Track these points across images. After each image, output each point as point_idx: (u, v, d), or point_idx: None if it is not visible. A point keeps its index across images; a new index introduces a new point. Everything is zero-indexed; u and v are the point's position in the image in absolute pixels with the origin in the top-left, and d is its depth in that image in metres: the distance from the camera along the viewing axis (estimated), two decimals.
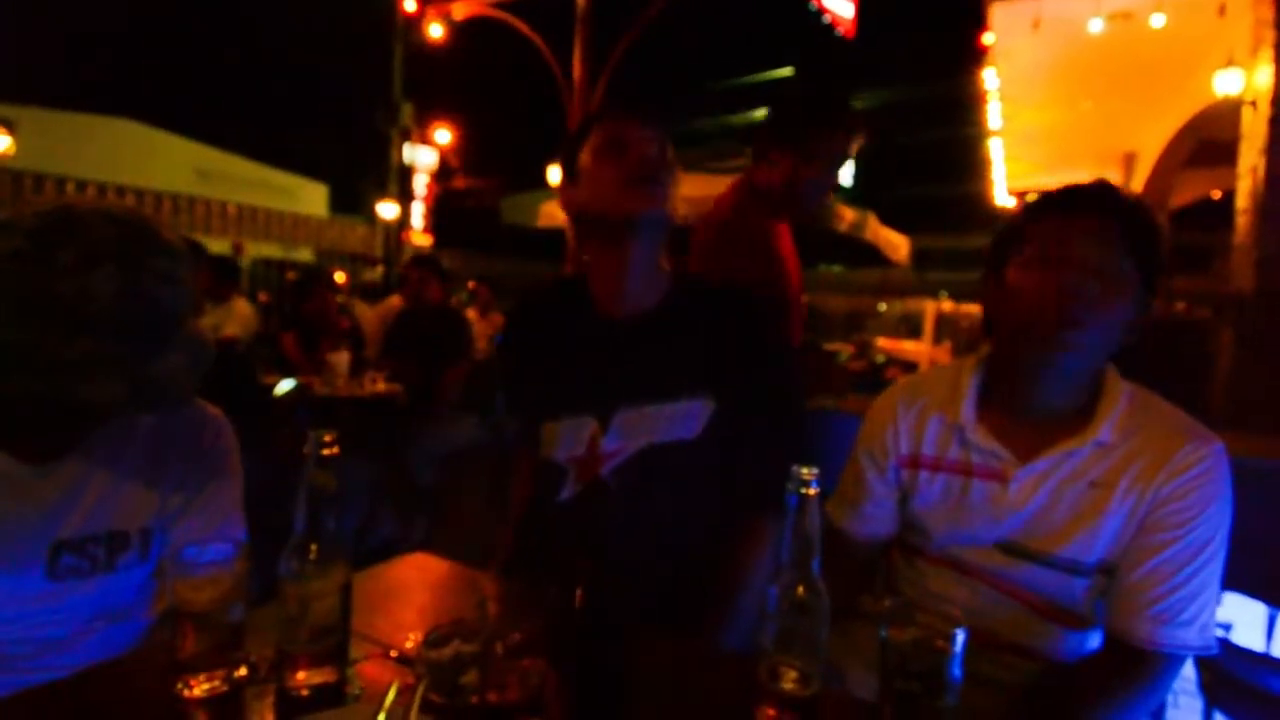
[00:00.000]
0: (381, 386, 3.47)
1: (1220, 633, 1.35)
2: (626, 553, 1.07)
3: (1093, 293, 0.90)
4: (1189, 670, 1.55)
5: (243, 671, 0.73)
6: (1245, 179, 4.34)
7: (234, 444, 1.04)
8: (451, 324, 3.81)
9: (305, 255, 15.71)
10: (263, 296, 7.43)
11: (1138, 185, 7.51)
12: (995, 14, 4.96)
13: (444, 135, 15.36)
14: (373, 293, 7.55)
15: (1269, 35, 4.10)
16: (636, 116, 1.11)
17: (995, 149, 8.26)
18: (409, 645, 0.83)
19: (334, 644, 0.74)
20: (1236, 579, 1.00)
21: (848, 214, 5.75)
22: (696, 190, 2.92)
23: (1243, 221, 4.34)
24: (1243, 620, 1.55)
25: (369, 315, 4.96)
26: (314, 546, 0.72)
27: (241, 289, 4.63)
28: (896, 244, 6.49)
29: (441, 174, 15.59)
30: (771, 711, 0.70)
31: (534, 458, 1.18)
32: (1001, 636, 0.99)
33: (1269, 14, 4.10)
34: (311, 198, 16.98)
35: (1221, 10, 4.10)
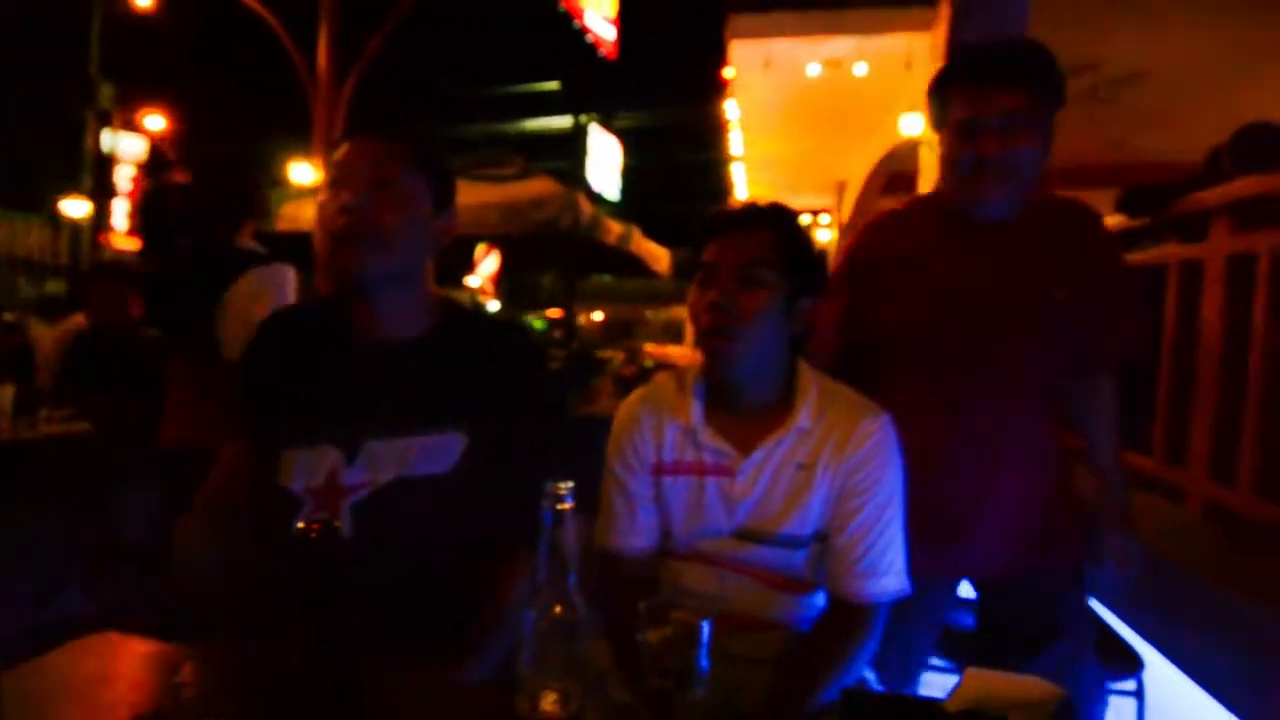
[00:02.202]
0: (59, 427, 2.80)
1: None
2: (370, 591, 0.97)
3: (733, 308, 1.03)
4: None
5: None
6: None
7: None
8: (148, 345, 3.13)
9: None
10: None
11: (847, 210, 8.81)
12: (734, 50, 5.47)
13: (157, 121, 13.09)
14: (54, 308, 6.12)
15: None
16: (366, 140, 1.02)
17: (738, 173, 9.17)
18: None
19: None
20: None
21: (615, 227, 5.98)
22: (466, 198, 2.82)
23: None
24: None
25: (46, 337, 3.98)
26: None
27: None
28: (658, 256, 6.91)
29: (154, 166, 13.23)
30: None
31: (260, 482, 1.03)
32: (748, 615, 1.08)
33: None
34: None
35: (908, 64, 4.94)
